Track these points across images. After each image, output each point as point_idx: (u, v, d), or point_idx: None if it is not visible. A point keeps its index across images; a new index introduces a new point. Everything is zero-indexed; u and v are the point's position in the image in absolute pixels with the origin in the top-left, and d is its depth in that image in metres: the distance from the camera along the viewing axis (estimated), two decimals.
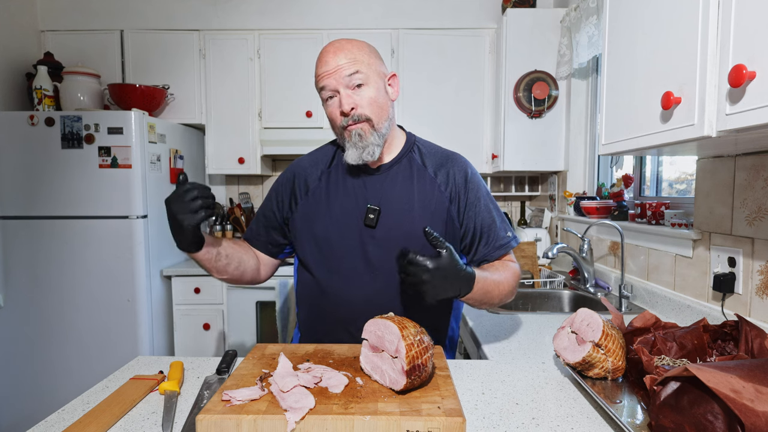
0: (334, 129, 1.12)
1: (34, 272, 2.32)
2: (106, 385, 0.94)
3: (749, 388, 0.60)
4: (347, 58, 1.04)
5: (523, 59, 2.52)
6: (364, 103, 1.05)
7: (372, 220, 1.08)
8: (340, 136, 1.10)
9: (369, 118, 1.05)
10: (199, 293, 2.51)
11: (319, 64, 1.06)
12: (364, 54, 1.06)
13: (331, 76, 1.03)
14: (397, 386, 0.77)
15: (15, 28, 2.66)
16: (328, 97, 1.06)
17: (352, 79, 1.03)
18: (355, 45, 1.07)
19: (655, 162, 2.02)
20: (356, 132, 1.05)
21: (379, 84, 1.08)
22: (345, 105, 1.03)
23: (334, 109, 1.06)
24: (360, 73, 1.04)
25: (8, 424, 2.36)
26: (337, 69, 1.03)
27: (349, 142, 1.06)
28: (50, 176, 2.29)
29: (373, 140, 1.06)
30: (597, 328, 0.90)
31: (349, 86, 1.04)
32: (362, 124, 1.05)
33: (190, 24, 2.78)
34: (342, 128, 1.07)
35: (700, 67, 0.90)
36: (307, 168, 1.18)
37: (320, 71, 1.05)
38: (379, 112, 1.07)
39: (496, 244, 1.13)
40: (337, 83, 1.03)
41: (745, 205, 1.26)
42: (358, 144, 1.05)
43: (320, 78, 1.06)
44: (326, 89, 1.05)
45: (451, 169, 1.15)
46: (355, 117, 1.04)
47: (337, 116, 1.06)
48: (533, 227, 2.78)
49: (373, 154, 1.07)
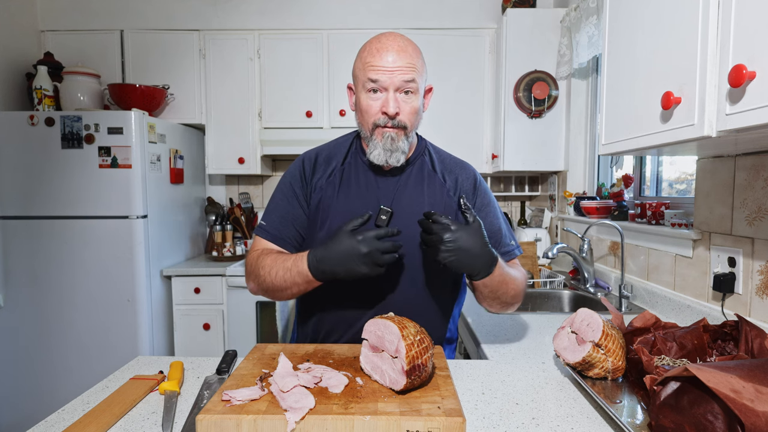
0: (362, 121, 1.08)
1: (33, 272, 2.32)
2: (106, 385, 0.94)
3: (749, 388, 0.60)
4: (407, 61, 1.02)
5: (523, 59, 2.52)
6: (407, 111, 1.04)
7: (383, 221, 1.07)
8: (370, 132, 1.07)
9: (406, 126, 1.05)
10: (199, 293, 2.50)
11: (377, 54, 1.02)
12: (420, 61, 1.06)
13: (388, 74, 1.01)
14: (397, 386, 0.77)
15: (15, 28, 2.66)
16: (371, 89, 1.03)
17: (407, 86, 1.02)
18: (415, 49, 1.05)
19: (655, 162, 2.02)
20: (389, 135, 1.04)
21: (421, 95, 1.08)
22: (392, 108, 1.02)
23: (374, 103, 1.04)
24: (414, 82, 1.03)
25: (8, 424, 2.36)
26: (396, 69, 1.01)
27: (378, 141, 1.05)
28: (50, 176, 2.29)
29: (401, 146, 1.06)
30: (597, 328, 0.90)
31: (400, 90, 1.03)
32: (399, 129, 1.05)
33: (190, 24, 2.78)
34: (375, 125, 1.05)
35: (700, 67, 0.90)
36: (319, 161, 1.16)
37: (377, 63, 1.01)
38: (415, 122, 1.07)
39: (502, 249, 1.14)
40: (391, 83, 1.01)
41: (745, 205, 1.26)
42: (388, 146, 1.05)
43: (374, 70, 1.01)
44: (378, 83, 1.02)
45: (461, 175, 1.16)
46: (395, 122, 1.03)
47: (375, 112, 1.04)
48: (533, 227, 2.78)
49: (399, 160, 1.07)
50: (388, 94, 1.02)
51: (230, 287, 2.48)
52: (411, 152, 1.15)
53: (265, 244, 1.14)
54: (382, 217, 1.07)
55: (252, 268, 1.09)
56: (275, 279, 1.02)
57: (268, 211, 1.16)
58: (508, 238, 1.17)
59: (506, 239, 1.16)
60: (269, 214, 1.15)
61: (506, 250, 1.15)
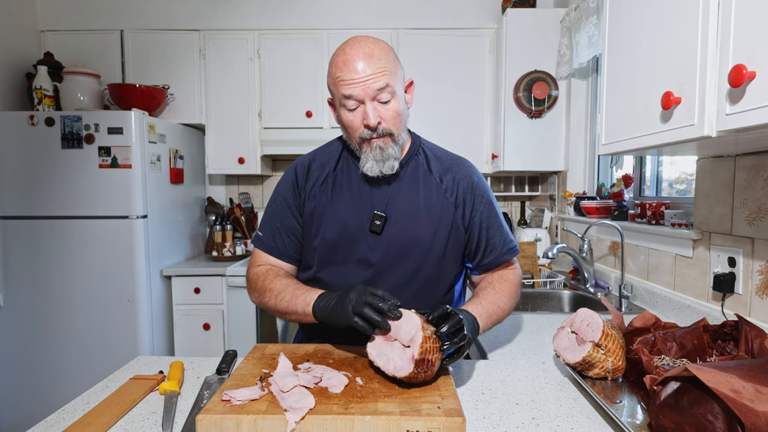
0: (349, 135, 1.07)
1: (33, 272, 2.32)
2: (106, 385, 0.94)
3: (749, 388, 0.60)
4: (377, 67, 0.97)
5: (523, 59, 2.52)
6: (389, 118, 1.01)
7: (378, 227, 1.07)
8: (358, 145, 1.05)
9: (391, 132, 1.02)
10: (199, 293, 2.50)
11: (344, 67, 0.98)
12: (391, 61, 1.01)
13: (359, 86, 0.97)
14: (400, 373, 0.77)
15: (15, 28, 2.66)
16: (347, 105, 1.01)
17: (382, 93, 0.99)
18: (383, 50, 1.00)
19: (655, 162, 2.02)
20: (377, 146, 1.02)
21: (402, 94, 1.04)
22: (372, 119, 0.99)
23: (355, 118, 1.01)
24: (389, 87, 0.99)
25: (8, 424, 2.35)
26: (366, 78, 0.97)
27: (368, 154, 1.03)
28: (50, 176, 2.29)
29: (392, 153, 1.04)
30: (597, 328, 0.90)
31: (376, 99, 0.99)
32: (385, 138, 1.02)
33: (190, 24, 2.78)
34: (362, 139, 1.03)
35: (700, 67, 0.90)
36: (312, 169, 1.15)
37: (346, 77, 0.98)
38: (401, 124, 1.05)
39: (503, 249, 1.14)
40: (365, 95, 0.98)
41: (745, 205, 1.26)
42: (378, 157, 1.03)
43: (345, 84, 0.98)
44: (352, 97, 0.99)
45: (457, 174, 1.13)
46: (379, 131, 1.01)
47: (357, 126, 1.02)
48: (533, 227, 2.78)
49: (392, 168, 1.05)
50: (365, 105, 0.99)
51: (230, 287, 2.48)
52: (404, 153, 1.13)
53: (266, 257, 1.14)
54: (377, 222, 1.07)
55: (257, 285, 1.09)
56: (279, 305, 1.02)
57: (264, 221, 1.17)
58: (507, 235, 1.16)
59: (506, 237, 1.15)
60: (265, 225, 1.16)
61: (509, 247, 1.15)
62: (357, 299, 0.85)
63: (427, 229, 1.08)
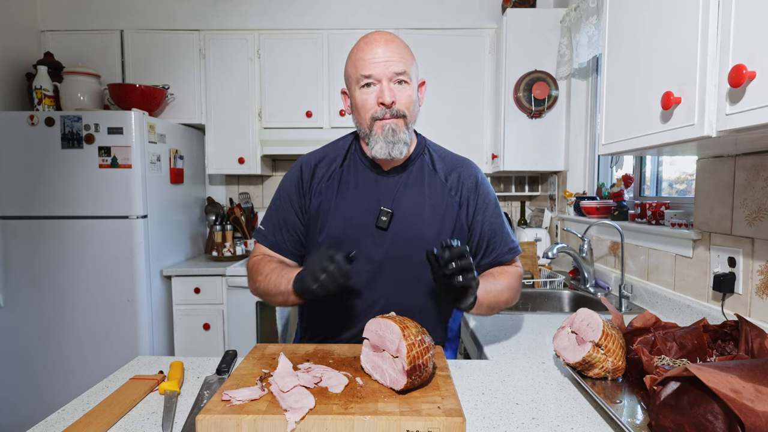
0: (360, 119, 1.08)
1: (33, 272, 2.32)
2: (106, 385, 0.94)
3: (749, 388, 0.60)
4: (398, 54, 1.03)
5: (523, 59, 2.52)
6: (403, 99, 1.05)
7: (384, 223, 1.08)
8: (369, 127, 1.06)
9: (405, 114, 1.05)
10: (199, 293, 2.50)
11: (366, 48, 1.04)
12: (409, 55, 1.07)
13: (380, 65, 1.02)
14: (398, 386, 0.77)
15: (15, 28, 2.66)
16: (366, 83, 1.04)
17: (399, 77, 1.03)
18: (402, 44, 1.07)
19: (655, 162, 2.02)
20: (390, 126, 1.04)
21: (416, 88, 1.09)
22: (387, 96, 1.02)
23: (370, 97, 1.04)
24: (406, 74, 1.04)
25: (8, 424, 2.35)
26: (387, 60, 1.02)
27: (379, 135, 1.05)
28: (50, 176, 2.29)
29: (403, 137, 1.05)
30: (597, 328, 0.90)
31: (393, 80, 1.03)
32: (398, 119, 1.05)
33: (190, 24, 2.78)
34: (374, 119, 1.05)
35: (700, 67, 0.90)
36: (318, 165, 1.15)
37: (368, 57, 1.03)
38: (413, 112, 1.08)
39: (504, 248, 1.15)
40: (384, 74, 1.02)
41: (745, 205, 1.26)
42: (390, 138, 1.04)
43: (367, 64, 1.03)
44: (371, 77, 1.03)
45: (462, 173, 1.15)
46: (393, 111, 1.04)
47: (371, 105, 1.04)
48: (533, 227, 2.78)
49: (402, 152, 1.06)
50: (382, 84, 1.03)
51: (230, 287, 2.48)
52: (410, 152, 1.14)
53: (265, 250, 1.16)
54: (383, 218, 1.07)
55: (251, 273, 1.12)
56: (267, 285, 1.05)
57: (267, 216, 1.18)
58: (510, 235, 1.17)
59: (508, 236, 1.16)
60: (267, 220, 1.18)
61: (510, 247, 1.16)
62: (317, 259, 0.92)
63: (431, 227, 1.09)
